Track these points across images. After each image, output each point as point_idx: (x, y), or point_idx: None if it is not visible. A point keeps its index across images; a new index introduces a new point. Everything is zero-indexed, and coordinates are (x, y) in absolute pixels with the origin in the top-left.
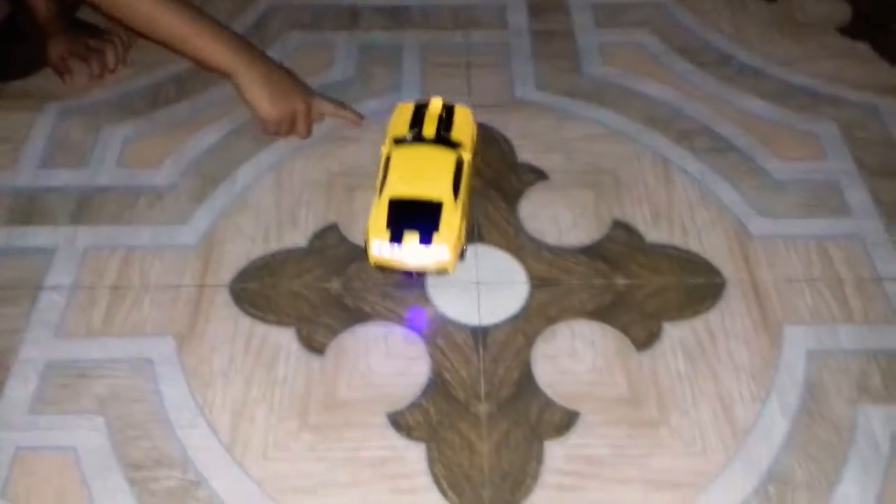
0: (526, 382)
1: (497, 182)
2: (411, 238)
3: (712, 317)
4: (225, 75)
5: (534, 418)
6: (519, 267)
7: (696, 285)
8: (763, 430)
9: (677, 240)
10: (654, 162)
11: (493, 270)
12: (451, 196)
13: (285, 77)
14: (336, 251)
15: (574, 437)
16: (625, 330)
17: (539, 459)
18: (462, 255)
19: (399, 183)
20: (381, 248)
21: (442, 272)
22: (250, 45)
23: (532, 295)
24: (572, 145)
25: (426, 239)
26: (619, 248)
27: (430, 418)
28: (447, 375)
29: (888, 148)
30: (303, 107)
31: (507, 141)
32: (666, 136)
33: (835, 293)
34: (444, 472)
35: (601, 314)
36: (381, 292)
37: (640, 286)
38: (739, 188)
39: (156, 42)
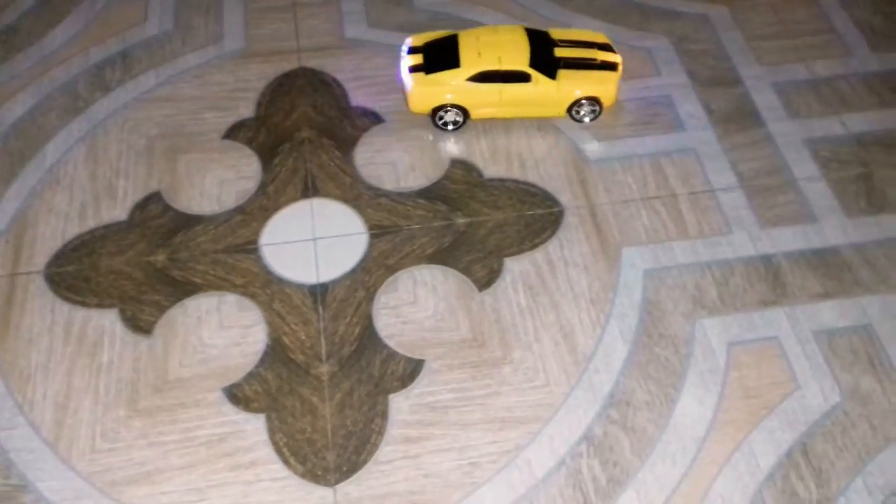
0: (368, 337)
1: (330, 129)
2: (416, 63)
3: (552, 247)
4: None
5: (377, 373)
6: (356, 217)
7: (535, 216)
8: (604, 354)
9: (516, 172)
10: None
11: (329, 224)
12: (470, 74)
13: None
14: (160, 221)
15: (419, 387)
16: (466, 271)
17: (384, 414)
18: (442, 123)
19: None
20: (407, 57)
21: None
22: None
23: (371, 245)
24: None
25: (415, 70)
26: (458, 187)
27: (268, 387)
28: (285, 339)
29: (719, 58)
30: None
31: (339, 84)
32: None
33: (670, 210)
34: (286, 441)
35: (442, 257)
36: (212, 260)
37: (480, 223)
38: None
39: None
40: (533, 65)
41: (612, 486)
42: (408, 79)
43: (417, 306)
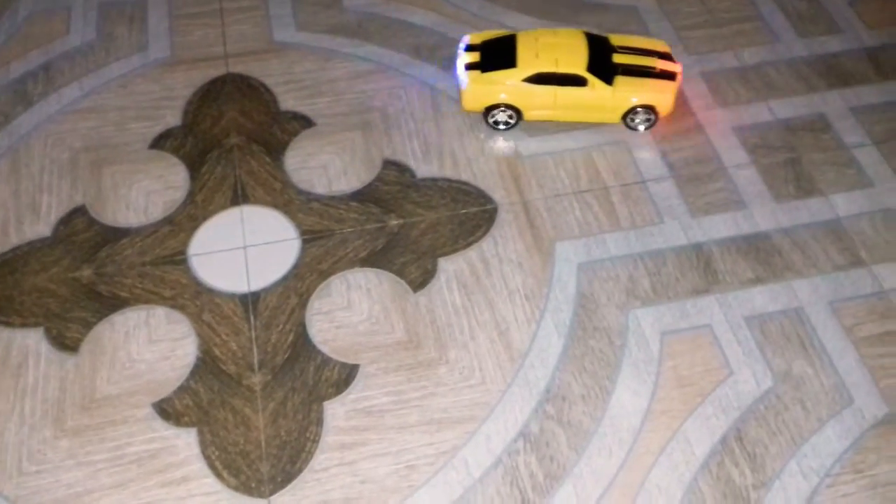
0: (301, 344)
1: (259, 135)
2: (472, 61)
3: (486, 245)
4: None
5: (311, 380)
6: (288, 223)
7: (468, 215)
8: (539, 350)
9: (449, 171)
10: (422, 93)
11: (260, 231)
12: (526, 75)
13: None
14: (85, 236)
15: (354, 392)
16: (400, 272)
17: (319, 422)
18: (493, 122)
19: (539, 61)
20: (464, 54)
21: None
22: None
23: (303, 251)
24: (338, 86)
25: (471, 67)
26: (391, 189)
27: (199, 400)
28: (216, 351)
29: None
30: None
31: (268, 89)
32: (433, 65)
33: (602, 202)
34: (219, 454)
35: (376, 259)
36: (138, 273)
37: (413, 224)
38: None
39: None
40: (590, 69)
41: (550, 481)
42: (463, 76)
43: (351, 310)
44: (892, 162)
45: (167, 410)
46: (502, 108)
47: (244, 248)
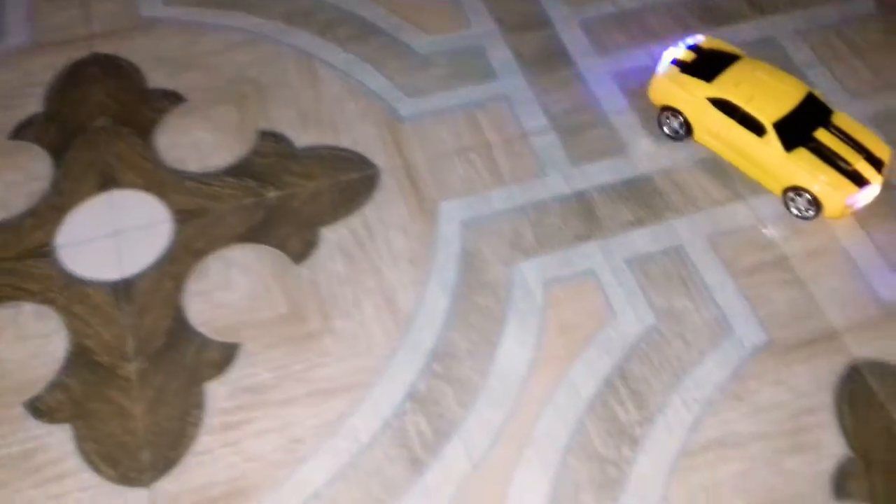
0: (179, 328)
1: (127, 115)
2: (682, 58)
3: (368, 211)
4: None
5: (191, 363)
6: (160, 204)
7: (350, 181)
8: (426, 312)
9: (328, 138)
10: (299, 61)
11: (131, 215)
12: (712, 94)
13: None
14: None
15: (235, 371)
16: (281, 245)
17: (199, 405)
18: (665, 126)
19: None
20: (683, 50)
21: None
22: None
23: (177, 232)
24: (209, 59)
25: (676, 63)
26: (268, 161)
27: (73, 394)
28: (88, 342)
29: (526, 1)
30: None
31: (135, 68)
32: (308, 31)
33: (485, 159)
34: (96, 448)
35: (255, 234)
36: (3, 270)
37: (293, 195)
38: (386, 72)
39: None
40: (779, 125)
41: (438, 437)
42: (663, 67)
43: (231, 289)
44: None
45: (39, 408)
46: (677, 115)
47: (115, 235)
